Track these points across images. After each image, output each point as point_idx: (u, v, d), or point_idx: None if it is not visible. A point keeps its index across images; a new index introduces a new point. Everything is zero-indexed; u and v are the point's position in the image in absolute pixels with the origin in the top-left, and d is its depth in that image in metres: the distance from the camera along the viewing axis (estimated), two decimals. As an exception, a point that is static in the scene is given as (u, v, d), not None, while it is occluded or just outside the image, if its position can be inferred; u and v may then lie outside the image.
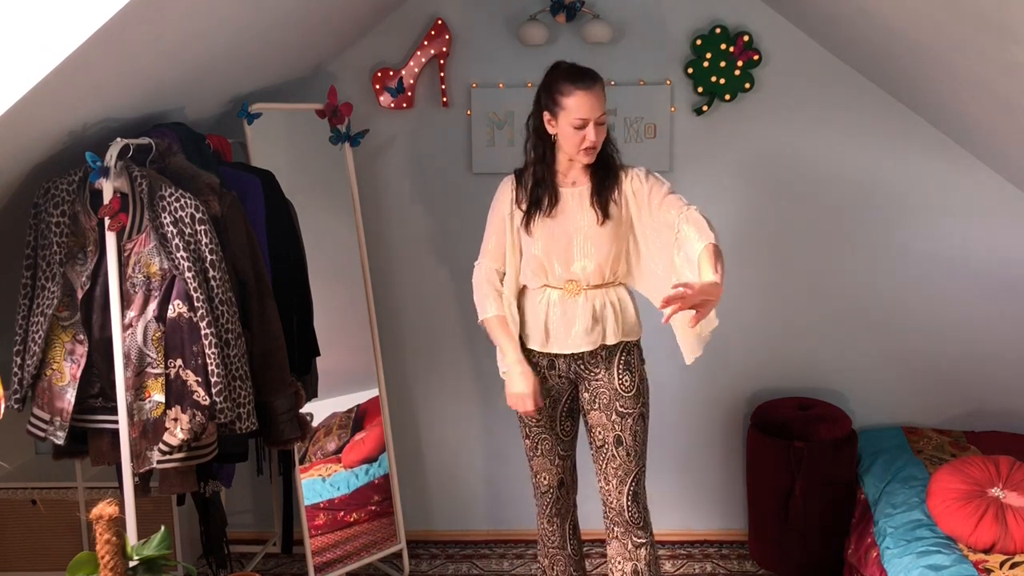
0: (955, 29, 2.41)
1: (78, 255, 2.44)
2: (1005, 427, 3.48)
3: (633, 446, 2.64)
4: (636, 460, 2.65)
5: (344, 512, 3.31)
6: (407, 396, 3.70)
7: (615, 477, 2.65)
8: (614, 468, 2.64)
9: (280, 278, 2.83)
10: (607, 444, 2.64)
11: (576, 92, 2.45)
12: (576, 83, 2.46)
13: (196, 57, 2.55)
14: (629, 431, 2.63)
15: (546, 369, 2.66)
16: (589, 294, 2.58)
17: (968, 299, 3.47)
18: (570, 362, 2.64)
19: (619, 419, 2.62)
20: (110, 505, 1.79)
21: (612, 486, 2.66)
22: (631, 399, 2.63)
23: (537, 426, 2.70)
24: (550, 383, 2.67)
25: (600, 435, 2.65)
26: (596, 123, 2.48)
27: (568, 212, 2.57)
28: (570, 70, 2.50)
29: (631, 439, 2.63)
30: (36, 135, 2.29)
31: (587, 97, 2.45)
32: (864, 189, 3.44)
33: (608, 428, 2.63)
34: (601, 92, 2.48)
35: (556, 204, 2.57)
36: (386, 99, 3.44)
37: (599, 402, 2.64)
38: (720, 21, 3.34)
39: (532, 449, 2.74)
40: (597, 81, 2.48)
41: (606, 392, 2.63)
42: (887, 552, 2.72)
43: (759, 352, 3.58)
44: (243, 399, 2.45)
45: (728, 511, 3.69)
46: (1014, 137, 2.95)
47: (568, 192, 2.58)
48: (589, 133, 2.47)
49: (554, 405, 2.70)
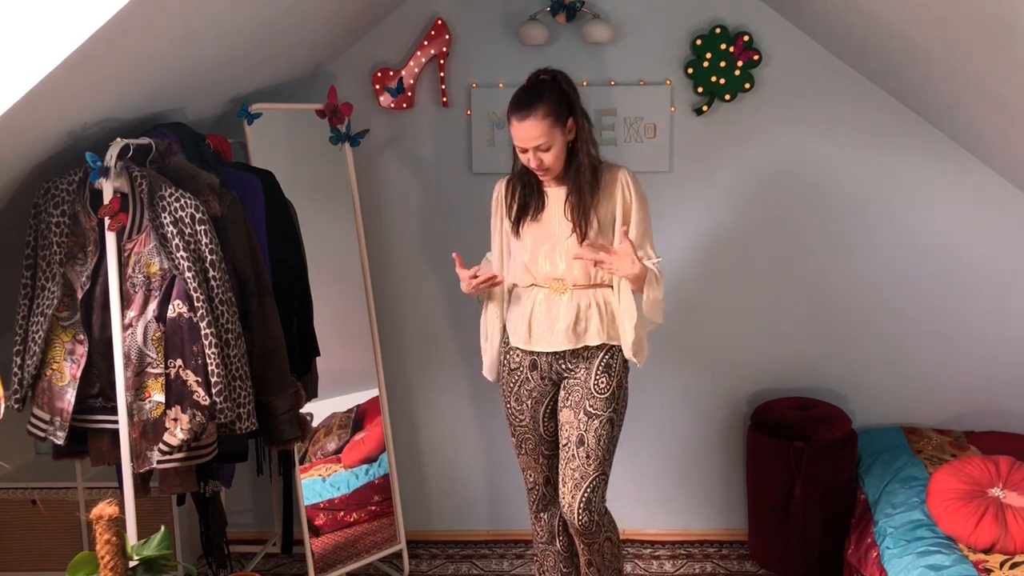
0: (955, 29, 2.42)
1: (78, 255, 2.44)
2: (1005, 427, 3.48)
3: (595, 449, 2.57)
4: (595, 465, 2.57)
5: (344, 512, 3.31)
6: (407, 396, 3.70)
7: (571, 479, 2.59)
8: (571, 470, 2.59)
9: (280, 278, 2.83)
10: (570, 443, 2.60)
11: (512, 121, 2.49)
12: (513, 112, 2.49)
13: (196, 57, 2.55)
14: (593, 433, 2.57)
15: (528, 369, 2.67)
16: (575, 293, 2.59)
17: (968, 299, 3.47)
18: (552, 361, 2.64)
19: (586, 418, 2.58)
20: (110, 505, 1.80)
21: (567, 488, 2.60)
22: (603, 401, 2.59)
23: (520, 426, 2.73)
24: (532, 384, 2.68)
25: (566, 433, 2.63)
26: (538, 150, 2.48)
27: (554, 213, 2.60)
28: (514, 96, 2.51)
29: (593, 441, 2.57)
30: (36, 135, 2.29)
31: (520, 128, 2.47)
32: (864, 189, 3.44)
33: (573, 426, 2.60)
34: (538, 122, 2.44)
35: (543, 209, 2.60)
36: (386, 99, 3.44)
37: (571, 400, 2.62)
38: (720, 21, 3.34)
39: (517, 447, 2.79)
40: (533, 111, 2.45)
41: (579, 390, 2.61)
42: (887, 552, 2.72)
43: (759, 352, 3.58)
44: (243, 399, 2.45)
45: (728, 511, 3.69)
46: (1014, 137, 2.95)
47: (553, 192, 2.60)
48: (531, 158, 2.50)
49: (536, 406, 2.70)
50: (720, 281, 3.54)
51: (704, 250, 3.52)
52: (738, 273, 3.54)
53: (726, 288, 3.54)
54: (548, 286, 2.61)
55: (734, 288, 3.55)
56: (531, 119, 2.45)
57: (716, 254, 3.51)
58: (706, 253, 3.52)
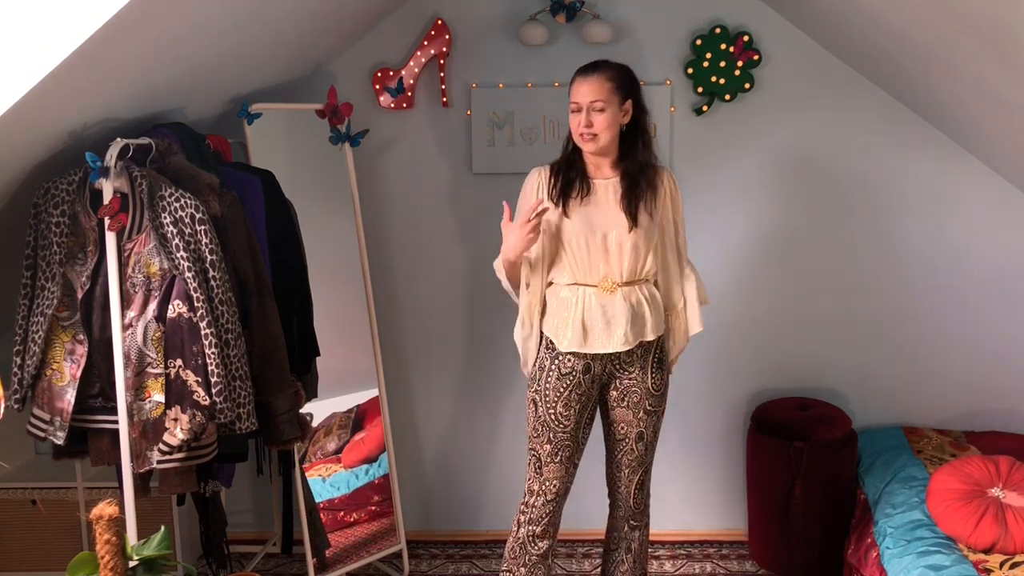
0: (955, 29, 2.42)
1: (78, 255, 2.44)
2: (1005, 427, 3.48)
3: (652, 441, 2.73)
4: (651, 453, 2.75)
5: (344, 512, 3.31)
6: (407, 396, 3.69)
7: (628, 467, 2.73)
8: (630, 460, 2.72)
9: (280, 278, 2.83)
10: (628, 439, 2.70)
11: (575, 81, 2.55)
12: (578, 74, 2.56)
13: (196, 57, 2.55)
14: (652, 428, 2.70)
15: (581, 373, 2.59)
16: (624, 291, 2.56)
17: (968, 299, 3.47)
18: (606, 363, 2.61)
19: (645, 416, 2.67)
20: (110, 505, 1.79)
21: (623, 475, 2.74)
22: (659, 398, 2.68)
23: (563, 432, 2.61)
24: (583, 388, 2.61)
25: (623, 430, 2.69)
26: (592, 109, 2.50)
27: (601, 203, 2.57)
28: (581, 66, 2.59)
29: (651, 434, 2.72)
30: (36, 135, 2.29)
31: (581, 84, 2.52)
32: (864, 189, 3.44)
33: (632, 424, 2.68)
34: (601, 82, 2.50)
35: (589, 193, 2.57)
36: (386, 99, 3.44)
37: (628, 400, 2.65)
38: (720, 21, 3.34)
39: (552, 455, 2.62)
40: (598, 71, 2.52)
41: (637, 391, 2.64)
42: (887, 552, 2.72)
43: (759, 352, 3.58)
44: (243, 399, 2.45)
45: (728, 511, 3.69)
46: (1014, 137, 2.95)
47: (600, 184, 2.58)
48: (583, 120, 2.51)
49: (582, 411, 2.64)
50: (720, 281, 3.53)
51: (704, 250, 3.51)
52: (738, 273, 3.54)
53: (726, 288, 3.54)
54: (597, 284, 2.55)
55: (734, 288, 3.54)
56: (594, 77, 2.51)
57: (716, 254, 3.51)
58: (706, 253, 3.51)
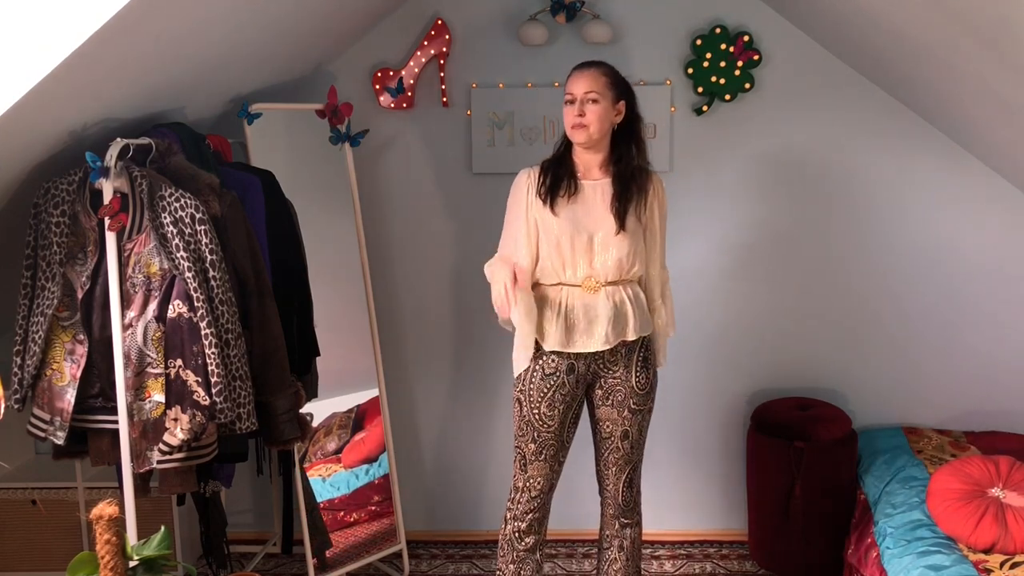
0: (955, 29, 2.42)
1: (78, 255, 2.44)
2: (1005, 427, 3.48)
3: (638, 439, 2.73)
4: (638, 451, 2.75)
5: (344, 512, 3.31)
6: (407, 396, 3.69)
7: (615, 465, 2.74)
8: (616, 458, 2.73)
9: (280, 278, 2.83)
10: (613, 437, 2.71)
11: (572, 75, 2.61)
12: (575, 69, 2.62)
13: (196, 57, 2.55)
14: (637, 427, 2.70)
15: (564, 373, 2.62)
16: (607, 290, 2.59)
17: (968, 299, 3.47)
18: (590, 362, 2.63)
19: (630, 415, 2.68)
20: (110, 505, 1.79)
21: (611, 472, 2.75)
22: (644, 396, 2.69)
23: (547, 432, 2.64)
24: (567, 388, 2.63)
25: (608, 428, 2.71)
26: (585, 100, 2.55)
27: (588, 204, 2.59)
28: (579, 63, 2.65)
29: (637, 433, 2.71)
30: (36, 135, 2.29)
31: (577, 76, 2.59)
32: (864, 189, 3.44)
33: (617, 423, 2.69)
34: (597, 75, 2.57)
35: (577, 192, 2.60)
36: (386, 99, 3.44)
37: (613, 399, 2.67)
38: (720, 21, 3.34)
39: (536, 454, 2.66)
40: (595, 67, 2.59)
41: (622, 390, 2.66)
42: (887, 552, 2.72)
43: (759, 352, 3.58)
44: (243, 399, 2.45)
45: (728, 511, 3.69)
46: (1014, 137, 2.95)
47: (589, 185, 2.61)
48: (576, 110, 2.56)
49: (566, 411, 2.67)
50: (720, 281, 3.54)
51: (704, 250, 3.52)
52: (738, 273, 3.54)
53: (726, 288, 3.54)
54: (580, 284, 2.58)
55: (734, 288, 3.55)
56: (591, 70, 2.58)
57: (716, 254, 3.51)
58: (706, 253, 3.52)
